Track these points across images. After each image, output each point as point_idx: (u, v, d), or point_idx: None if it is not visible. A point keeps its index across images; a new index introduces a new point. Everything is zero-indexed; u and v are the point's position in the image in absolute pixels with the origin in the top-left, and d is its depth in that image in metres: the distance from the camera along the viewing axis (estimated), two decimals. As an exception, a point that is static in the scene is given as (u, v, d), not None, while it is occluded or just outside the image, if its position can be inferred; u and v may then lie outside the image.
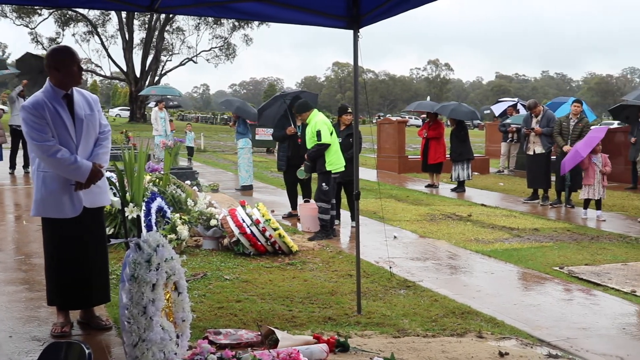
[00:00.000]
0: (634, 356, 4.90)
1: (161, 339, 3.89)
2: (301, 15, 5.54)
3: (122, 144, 20.32)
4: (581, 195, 11.55)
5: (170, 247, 4.16)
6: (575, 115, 12.40)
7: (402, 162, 20.28)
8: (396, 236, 9.60)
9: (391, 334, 5.23)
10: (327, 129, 9.41)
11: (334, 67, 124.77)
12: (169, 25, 56.28)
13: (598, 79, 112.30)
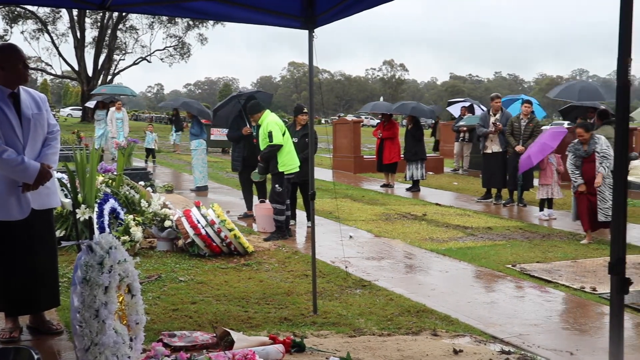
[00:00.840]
0: (584, 351, 5.00)
1: (114, 343, 3.82)
2: (256, 14, 5.51)
3: (73, 144, 19.97)
4: (539, 195, 11.70)
5: (123, 249, 4.09)
6: (526, 116, 12.59)
7: (358, 162, 20.36)
8: (352, 236, 9.63)
9: (347, 334, 5.24)
10: (278, 130, 9.38)
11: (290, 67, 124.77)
12: (122, 24, 55.50)
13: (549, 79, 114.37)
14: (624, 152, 2.77)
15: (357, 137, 20.63)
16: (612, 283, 2.79)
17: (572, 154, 9.55)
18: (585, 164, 9.44)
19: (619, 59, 2.65)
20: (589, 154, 9.36)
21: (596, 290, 6.72)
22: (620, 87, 2.68)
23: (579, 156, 9.45)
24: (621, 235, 2.77)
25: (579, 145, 9.51)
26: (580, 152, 9.44)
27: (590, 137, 9.38)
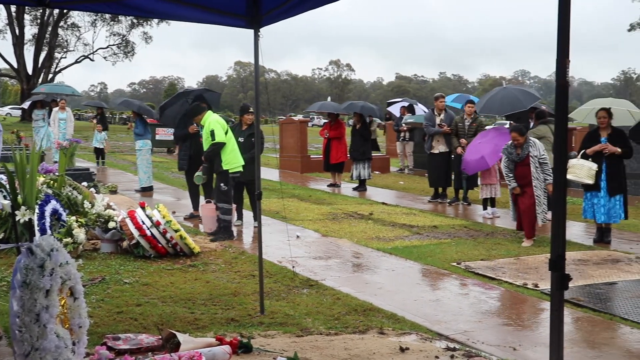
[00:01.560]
0: (526, 346, 5.11)
1: (56, 347, 3.73)
2: (200, 13, 5.46)
3: (12, 144, 19.42)
4: (482, 195, 11.89)
5: (65, 251, 4.00)
6: (469, 115, 12.80)
7: (305, 161, 20.37)
8: (299, 235, 9.63)
9: (294, 333, 5.24)
10: (220, 128, 9.34)
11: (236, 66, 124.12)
12: (63, 21, 54.28)
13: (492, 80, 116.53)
14: (563, 152, 2.83)
15: (303, 136, 20.65)
16: (552, 279, 2.86)
17: (506, 157, 9.47)
18: (518, 167, 9.36)
19: (558, 60, 2.71)
20: (522, 158, 9.28)
21: (538, 286, 6.87)
22: (559, 87, 2.74)
23: (512, 160, 9.37)
24: (561, 232, 2.83)
25: (512, 149, 9.40)
26: (513, 155, 9.35)
27: (525, 141, 9.29)
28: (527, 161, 9.27)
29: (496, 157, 11.36)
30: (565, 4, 2.69)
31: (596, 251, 8.88)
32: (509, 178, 9.44)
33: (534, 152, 9.26)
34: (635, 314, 6.00)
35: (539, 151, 9.26)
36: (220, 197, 9.39)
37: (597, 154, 9.29)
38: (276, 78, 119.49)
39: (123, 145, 30.39)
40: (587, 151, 9.36)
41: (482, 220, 11.45)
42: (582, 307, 6.21)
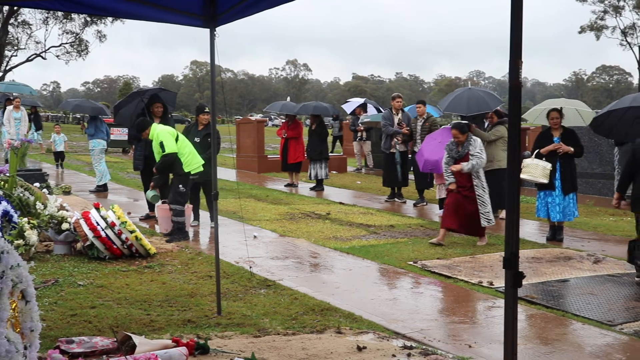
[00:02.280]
0: (481, 343, 5.18)
1: (6, 352, 3.65)
2: (156, 12, 5.40)
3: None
4: (439, 194, 11.99)
5: (16, 253, 3.92)
6: (421, 116, 12.96)
7: (262, 161, 20.32)
8: (256, 236, 9.60)
9: (252, 334, 5.22)
10: (169, 137, 9.23)
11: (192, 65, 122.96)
12: (13, 18, 53.08)
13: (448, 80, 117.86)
14: (516, 151, 2.87)
15: (260, 136, 20.60)
16: (506, 277, 2.90)
17: (447, 153, 9.40)
18: (457, 164, 9.21)
19: (511, 62, 2.76)
20: (462, 155, 9.16)
21: (493, 284, 6.97)
22: (512, 88, 2.78)
23: (452, 157, 9.27)
24: (515, 231, 2.87)
25: (453, 146, 9.31)
26: (453, 152, 9.25)
27: (466, 139, 9.19)
28: (467, 159, 9.15)
29: None
30: (518, 7, 2.73)
31: (549, 249, 9.05)
32: (447, 174, 9.34)
33: (473, 151, 9.15)
34: (587, 310, 6.13)
35: (476, 149, 9.15)
36: (175, 198, 9.29)
37: (550, 153, 9.46)
38: (233, 78, 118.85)
39: (77, 146, 29.91)
40: (541, 151, 9.53)
41: (438, 219, 11.56)
42: (535, 304, 6.32)
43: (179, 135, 9.48)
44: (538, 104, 12.01)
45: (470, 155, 9.11)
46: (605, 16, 62.54)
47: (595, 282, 7.21)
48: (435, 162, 11.40)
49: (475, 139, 9.30)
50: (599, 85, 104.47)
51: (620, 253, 8.76)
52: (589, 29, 63.41)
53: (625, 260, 8.24)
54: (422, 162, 11.63)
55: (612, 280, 7.32)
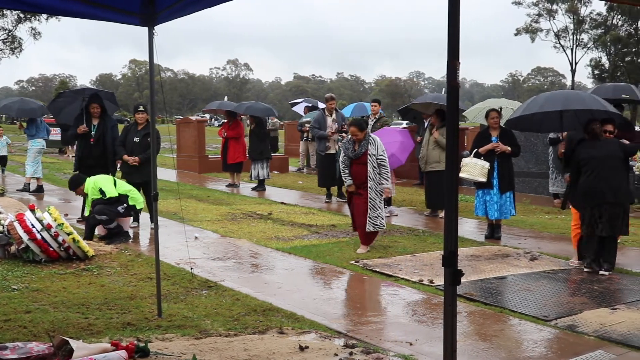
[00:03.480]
0: (422, 341, 5.24)
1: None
2: (92, 9, 5.28)
3: None
4: None
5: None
6: (375, 115, 13.07)
7: (203, 162, 20.15)
8: (197, 236, 9.51)
9: (193, 336, 5.17)
10: (107, 183, 9.12)
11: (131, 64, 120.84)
12: (-59, 14, 51.34)
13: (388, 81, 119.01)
14: (454, 150, 2.92)
15: (201, 136, 20.42)
16: (445, 275, 2.95)
17: (343, 152, 8.81)
18: (354, 165, 8.64)
19: (448, 62, 2.80)
20: (359, 155, 8.55)
21: (433, 282, 7.07)
22: (450, 88, 2.83)
23: (348, 156, 8.65)
24: (453, 229, 2.92)
25: (349, 144, 8.68)
26: (349, 151, 8.62)
27: (364, 137, 8.58)
28: (364, 159, 8.53)
29: (407, 154, 11.64)
30: (455, 9, 2.77)
31: (487, 247, 9.23)
32: (345, 175, 8.75)
33: (372, 150, 8.54)
34: (523, 306, 6.28)
35: (378, 150, 8.58)
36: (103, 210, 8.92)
37: (489, 152, 9.65)
38: (173, 77, 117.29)
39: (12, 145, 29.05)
40: (479, 150, 9.71)
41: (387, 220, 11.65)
42: (474, 301, 6.44)
43: (117, 180, 9.35)
44: (480, 102, 12.23)
45: (369, 155, 8.51)
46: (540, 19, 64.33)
47: (531, 279, 7.39)
48: None
49: (375, 137, 8.77)
50: (535, 86, 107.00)
51: (555, 250, 9.01)
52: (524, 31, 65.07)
53: (560, 258, 8.49)
54: None
55: (547, 277, 7.51)
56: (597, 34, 61.43)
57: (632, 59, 59.24)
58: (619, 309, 6.21)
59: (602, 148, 7.68)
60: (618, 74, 57.88)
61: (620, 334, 5.47)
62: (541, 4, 63.37)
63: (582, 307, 6.25)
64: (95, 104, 10.54)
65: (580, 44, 64.14)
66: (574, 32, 63.95)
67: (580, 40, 64.10)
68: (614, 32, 58.96)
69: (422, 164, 11.77)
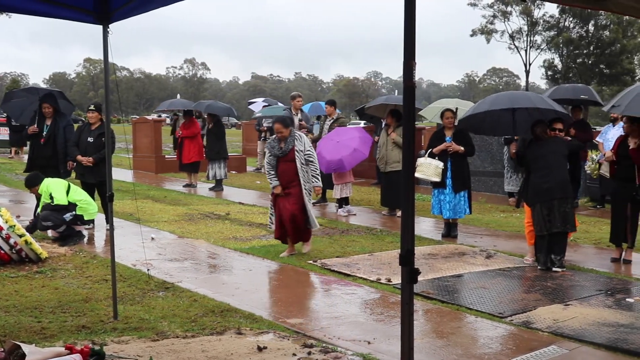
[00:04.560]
0: (380, 339, 5.27)
1: None
2: (44, 6, 5.17)
3: None
4: (340, 194, 12.10)
5: None
6: (330, 116, 13.09)
7: (159, 162, 19.94)
8: (154, 237, 9.41)
9: (150, 338, 5.11)
10: (59, 189, 8.93)
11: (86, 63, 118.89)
12: None
13: (346, 81, 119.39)
14: (410, 150, 2.94)
15: (158, 136, 20.20)
16: (402, 274, 2.96)
17: (269, 152, 8.38)
18: (281, 163, 8.25)
19: (405, 62, 2.82)
20: (286, 152, 8.20)
21: (391, 281, 7.11)
22: (406, 88, 2.84)
23: (275, 155, 8.28)
24: (410, 228, 2.94)
25: (275, 143, 8.31)
26: (276, 149, 8.25)
27: (290, 134, 8.23)
28: (292, 156, 8.19)
29: (355, 163, 11.70)
30: (411, 9, 2.79)
31: (444, 245, 9.32)
32: (271, 176, 8.34)
33: (300, 147, 8.20)
34: (480, 303, 6.36)
35: (305, 146, 8.26)
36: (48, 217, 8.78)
37: (442, 152, 9.74)
38: (129, 76, 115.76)
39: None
40: (433, 150, 9.81)
41: (337, 218, 11.69)
42: (431, 299, 6.50)
43: (71, 186, 9.17)
44: (433, 102, 12.35)
45: (296, 152, 8.17)
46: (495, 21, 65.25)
47: (487, 277, 7.49)
48: (338, 161, 11.55)
49: (301, 134, 8.44)
50: (490, 86, 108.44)
51: (510, 248, 9.15)
52: (480, 32, 65.97)
53: (515, 255, 8.62)
54: (325, 163, 11.68)
55: (502, 275, 7.62)
56: (550, 36, 62.62)
57: (583, 61, 60.56)
58: (572, 305, 6.34)
59: (549, 147, 7.92)
60: (570, 75, 59.11)
61: (573, 329, 5.58)
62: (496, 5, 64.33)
63: (536, 304, 6.36)
64: (46, 103, 10.35)
65: (534, 45, 65.30)
66: (528, 34, 65.08)
67: (534, 42, 65.28)
68: (566, 34, 60.17)
69: (381, 165, 11.82)
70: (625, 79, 59.61)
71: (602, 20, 58.57)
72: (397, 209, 11.78)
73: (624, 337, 5.39)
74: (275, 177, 8.27)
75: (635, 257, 8.44)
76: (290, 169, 8.19)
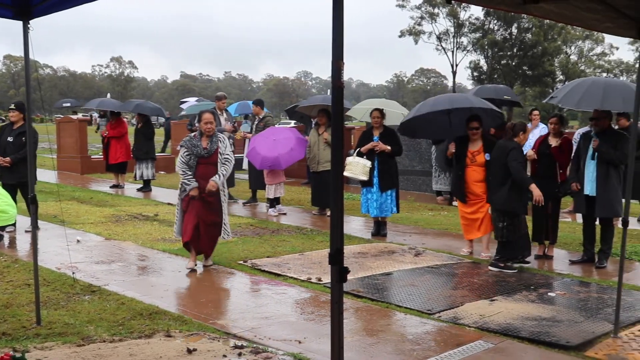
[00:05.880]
0: (311, 338, 5.28)
1: None
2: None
3: None
4: (274, 194, 12.04)
5: None
6: (258, 115, 13.04)
7: (85, 162, 19.46)
8: (79, 240, 9.17)
9: (75, 343, 4.97)
10: None
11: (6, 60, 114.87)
12: None
13: (276, 80, 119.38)
14: (339, 150, 2.95)
15: (83, 136, 19.72)
16: (332, 273, 2.97)
17: (187, 150, 7.60)
18: (202, 165, 7.58)
19: (333, 62, 2.82)
20: (210, 153, 7.61)
21: (321, 280, 7.14)
22: (335, 88, 2.85)
23: (196, 154, 7.57)
24: (339, 227, 2.95)
25: (197, 141, 7.62)
26: (199, 149, 7.56)
27: (214, 134, 7.71)
28: (215, 158, 7.64)
29: (291, 161, 11.70)
30: (339, 10, 2.80)
31: (374, 244, 9.42)
32: (187, 176, 7.55)
33: (222, 149, 7.70)
34: (409, 301, 6.45)
35: (227, 149, 7.78)
36: None
37: (370, 151, 9.84)
38: (52, 74, 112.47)
39: None
40: (361, 149, 9.90)
41: (267, 218, 11.66)
42: (361, 298, 6.55)
43: None
44: (360, 102, 12.46)
45: (220, 154, 7.65)
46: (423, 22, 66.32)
47: (416, 274, 7.60)
48: (275, 158, 11.51)
49: (223, 136, 7.94)
50: (418, 87, 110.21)
51: (438, 245, 9.31)
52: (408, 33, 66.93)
53: (443, 252, 8.78)
54: (260, 160, 11.62)
55: (431, 272, 7.75)
56: (475, 38, 64.11)
57: (507, 62, 62.26)
58: (497, 300, 6.50)
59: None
60: (495, 76, 60.67)
61: (498, 323, 5.72)
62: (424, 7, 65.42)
63: (463, 300, 6.50)
64: None
65: (461, 46, 66.70)
66: (455, 36, 66.42)
67: (460, 43, 66.66)
68: (491, 36, 61.72)
69: (313, 164, 11.84)
70: (547, 80, 61.74)
71: (524, 23, 60.38)
72: (328, 209, 11.83)
73: (547, 330, 5.56)
74: (193, 178, 7.53)
75: (557, 253, 8.74)
76: (212, 173, 7.58)
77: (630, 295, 6.73)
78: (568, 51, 66.27)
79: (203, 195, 7.57)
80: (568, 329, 5.60)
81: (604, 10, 4.72)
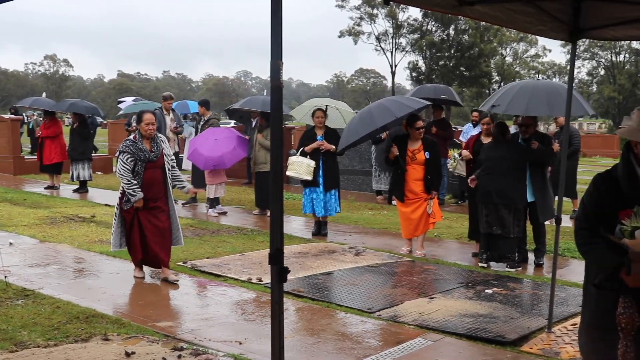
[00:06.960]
0: (251, 339, 5.26)
1: None
2: None
3: None
4: (215, 194, 11.94)
5: None
6: (204, 116, 12.93)
7: (18, 163, 18.92)
8: (12, 243, 8.91)
9: (7, 349, 4.84)
10: None
11: None
12: None
13: (215, 80, 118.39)
14: (279, 149, 2.95)
15: (16, 136, 19.17)
16: (272, 273, 2.97)
17: (131, 155, 6.92)
18: (149, 169, 7.00)
19: (272, 62, 2.82)
20: (157, 156, 7.06)
21: (262, 280, 7.12)
22: (274, 88, 2.85)
23: (141, 159, 6.93)
24: (279, 227, 2.95)
25: (141, 144, 7.00)
26: (145, 153, 6.95)
27: (155, 137, 7.14)
28: (162, 162, 7.12)
29: (235, 160, 11.62)
30: (277, 9, 2.80)
31: (314, 243, 9.44)
32: (133, 186, 6.90)
33: (167, 151, 7.26)
34: (349, 299, 6.49)
35: (170, 150, 7.44)
36: None
37: (314, 151, 9.87)
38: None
39: None
40: (305, 149, 9.91)
41: (207, 219, 11.57)
42: (302, 298, 6.56)
43: None
44: (305, 102, 12.48)
45: (165, 156, 7.16)
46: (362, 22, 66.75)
47: (356, 273, 7.66)
48: (219, 157, 11.42)
49: (162, 137, 7.37)
50: (358, 87, 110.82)
51: (378, 244, 9.40)
52: (347, 33, 67.26)
53: (383, 251, 8.87)
54: (203, 160, 11.51)
55: (371, 271, 7.82)
56: (414, 39, 64.85)
57: (445, 63, 63.25)
58: (436, 298, 6.60)
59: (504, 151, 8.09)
60: (433, 77, 61.53)
61: (437, 321, 5.81)
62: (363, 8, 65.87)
63: (403, 298, 6.58)
64: None
65: (399, 47, 67.37)
66: (393, 36, 67.07)
67: (399, 44, 67.34)
68: (429, 37, 62.57)
69: (252, 165, 11.85)
70: (483, 81, 63.01)
71: (462, 25, 61.43)
72: (268, 209, 11.80)
73: (484, 326, 5.68)
74: (138, 187, 6.90)
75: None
76: (159, 178, 7.08)
77: (564, 290, 6.93)
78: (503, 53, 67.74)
79: (150, 205, 7.04)
80: (504, 325, 5.73)
81: (536, 14, 4.85)
